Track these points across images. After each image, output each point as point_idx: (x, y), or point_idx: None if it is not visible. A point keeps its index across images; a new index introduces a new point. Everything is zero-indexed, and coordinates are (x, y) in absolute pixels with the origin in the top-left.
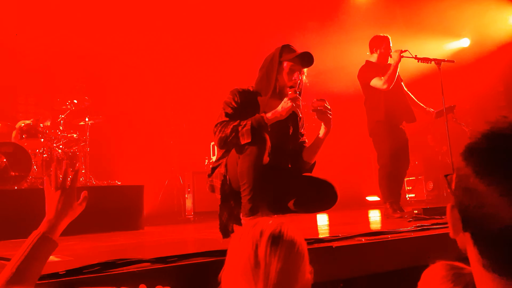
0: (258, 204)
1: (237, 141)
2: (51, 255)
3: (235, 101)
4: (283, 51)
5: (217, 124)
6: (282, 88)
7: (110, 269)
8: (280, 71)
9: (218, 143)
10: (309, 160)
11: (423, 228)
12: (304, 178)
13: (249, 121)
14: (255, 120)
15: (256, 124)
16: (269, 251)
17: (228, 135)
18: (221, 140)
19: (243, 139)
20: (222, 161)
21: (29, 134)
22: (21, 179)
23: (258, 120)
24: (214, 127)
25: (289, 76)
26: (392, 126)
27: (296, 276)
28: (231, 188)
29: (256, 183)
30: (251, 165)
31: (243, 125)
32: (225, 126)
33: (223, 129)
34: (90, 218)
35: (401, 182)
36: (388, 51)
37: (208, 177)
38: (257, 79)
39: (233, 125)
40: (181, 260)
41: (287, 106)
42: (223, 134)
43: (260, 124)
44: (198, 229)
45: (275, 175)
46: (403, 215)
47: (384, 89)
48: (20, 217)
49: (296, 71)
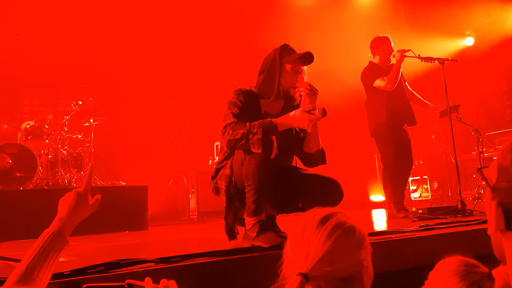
0: (262, 204)
1: (247, 147)
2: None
3: (240, 100)
4: (283, 52)
5: (226, 125)
6: (286, 90)
7: (114, 269)
8: (282, 73)
9: (227, 144)
10: (311, 150)
11: (428, 228)
12: (308, 176)
13: (259, 129)
14: (266, 128)
15: (268, 131)
16: (314, 228)
17: (238, 139)
18: (230, 142)
19: (253, 147)
20: (226, 162)
21: (34, 135)
22: (26, 180)
23: (269, 127)
24: (223, 128)
25: (293, 78)
26: (394, 127)
27: (344, 258)
28: (237, 189)
29: (261, 185)
30: (257, 166)
31: (254, 132)
32: (234, 129)
33: (232, 132)
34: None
35: (405, 182)
36: (390, 51)
37: (211, 179)
38: (259, 82)
39: (243, 132)
40: (185, 260)
41: (304, 121)
42: (233, 137)
43: (272, 131)
44: (202, 229)
45: (279, 174)
46: (408, 215)
47: (387, 90)
48: (25, 218)
49: (298, 71)
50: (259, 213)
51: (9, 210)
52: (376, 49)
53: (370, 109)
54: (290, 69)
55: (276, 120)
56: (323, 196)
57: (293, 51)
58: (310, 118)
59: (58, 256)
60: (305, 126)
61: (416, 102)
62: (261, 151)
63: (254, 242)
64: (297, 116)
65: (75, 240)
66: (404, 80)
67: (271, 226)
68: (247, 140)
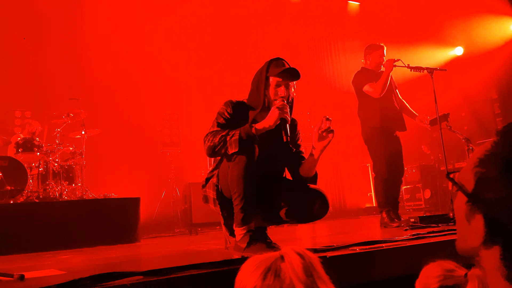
0: (250, 214)
1: (225, 150)
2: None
3: (228, 112)
4: (270, 65)
5: (208, 133)
6: (271, 103)
7: (101, 282)
8: (267, 86)
9: (207, 151)
10: (307, 175)
11: (419, 236)
12: (295, 187)
13: (237, 131)
14: (243, 130)
15: (245, 134)
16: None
17: (217, 144)
18: (209, 149)
19: (231, 148)
20: (216, 172)
21: (25, 148)
22: (17, 193)
23: (246, 130)
24: (205, 136)
25: (275, 90)
26: (387, 133)
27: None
28: (224, 197)
29: (246, 192)
30: (240, 173)
31: (231, 135)
32: (214, 136)
33: (212, 138)
34: (86, 231)
35: (397, 190)
36: (380, 60)
37: (202, 188)
38: (249, 93)
39: (222, 135)
40: (174, 272)
41: (274, 115)
42: (212, 143)
43: (248, 134)
44: (195, 241)
45: (266, 184)
46: (400, 224)
47: (374, 97)
48: (15, 231)
49: (282, 86)
50: (248, 222)
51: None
52: (367, 55)
53: (363, 115)
54: (274, 83)
55: (253, 125)
56: (309, 209)
57: (282, 65)
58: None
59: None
60: (276, 115)
61: (405, 111)
62: (238, 149)
63: (244, 253)
64: (269, 114)
65: (65, 253)
66: (395, 88)
67: (261, 236)
68: (224, 143)
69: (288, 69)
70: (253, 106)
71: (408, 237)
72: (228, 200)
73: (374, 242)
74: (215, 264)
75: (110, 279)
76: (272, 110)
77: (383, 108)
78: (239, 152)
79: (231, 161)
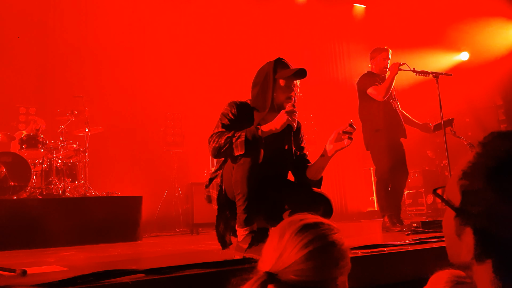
0: (253, 214)
1: (231, 152)
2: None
3: (232, 113)
4: (277, 67)
5: (212, 134)
6: (280, 104)
7: (104, 279)
8: (276, 88)
9: (212, 152)
10: (314, 178)
11: (421, 241)
12: (299, 190)
13: (243, 133)
14: (249, 132)
15: (251, 136)
16: (294, 233)
17: (222, 145)
18: (215, 150)
19: (237, 150)
20: (219, 172)
21: (29, 145)
22: (20, 189)
23: (252, 132)
24: (209, 137)
25: (285, 93)
26: (390, 137)
27: (314, 272)
28: (227, 198)
29: (250, 193)
30: (245, 174)
31: (238, 136)
32: (220, 137)
33: (217, 139)
34: (88, 228)
35: (400, 195)
36: (385, 63)
37: (205, 188)
38: (253, 96)
39: (227, 136)
40: (175, 271)
41: (282, 119)
42: (217, 144)
43: (254, 136)
44: (196, 240)
45: (270, 186)
46: (402, 229)
47: (378, 99)
48: (18, 227)
49: (291, 87)
50: (250, 223)
51: (2, 220)
52: (373, 59)
53: (366, 117)
54: (284, 84)
55: (259, 127)
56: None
57: (287, 66)
58: (338, 147)
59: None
60: (284, 120)
61: (407, 121)
62: (244, 152)
63: (245, 254)
64: (277, 117)
65: (67, 250)
66: (396, 100)
67: (264, 237)
68: (230, 144)
69: (297, 70)
70: (259, 107)
71: (410, 242)
72: (231, 201)
73: (376, 246)
74: (216, 264)
75: (112, 277)
76: (281, 114)
77: (386, 112)
78: (244, 153)
79: (236, 162)
